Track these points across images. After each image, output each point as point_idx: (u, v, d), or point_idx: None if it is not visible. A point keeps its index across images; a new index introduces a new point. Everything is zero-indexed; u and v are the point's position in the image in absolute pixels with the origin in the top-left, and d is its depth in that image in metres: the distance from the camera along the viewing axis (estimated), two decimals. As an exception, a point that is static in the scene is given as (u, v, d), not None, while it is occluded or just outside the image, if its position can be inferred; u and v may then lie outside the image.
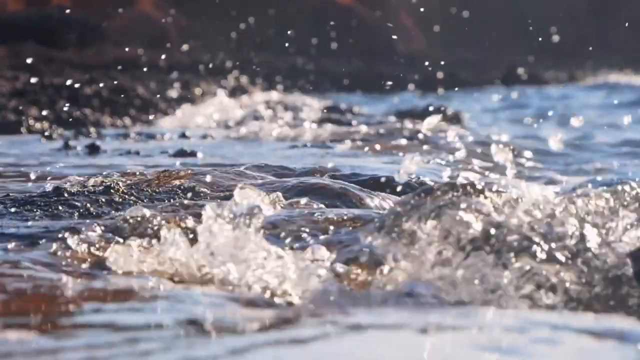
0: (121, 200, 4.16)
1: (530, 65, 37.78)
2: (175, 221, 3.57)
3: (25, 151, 7.66)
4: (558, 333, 2.24)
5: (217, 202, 3.20)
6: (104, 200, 4.13)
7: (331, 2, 42.25)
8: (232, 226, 3.02)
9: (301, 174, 5.24)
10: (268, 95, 20.26)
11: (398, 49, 41.19)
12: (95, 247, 3.24)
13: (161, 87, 18.64)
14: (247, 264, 2.93)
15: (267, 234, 3.15)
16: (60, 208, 3.97)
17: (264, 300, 2.74)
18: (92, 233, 3.47)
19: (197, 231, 3.07)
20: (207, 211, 3.06)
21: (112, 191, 4.24)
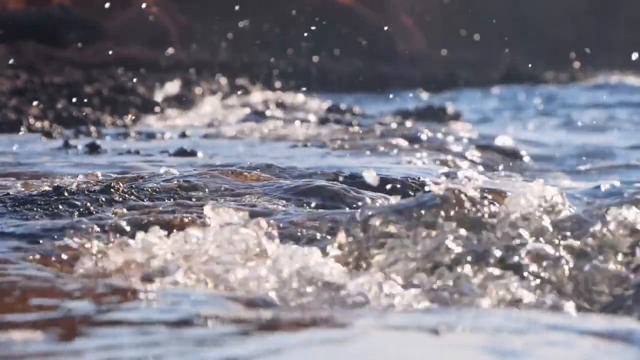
0: (121, 199, 4.16)
1: (530, 65, 37.78)
2: (175, 221, 3.57)
3: (25, 150, 7.66)
4: (560, 334, 2.24)
5: (216, 203, 3.21)
6: (104, 199, 4.12)
7: (331, 2, 42.24)
8: (232, 226, 3.01)
9: (301, 174, 5.23)
10: (268, 95, 20.27)
11: (398, 49, 41.19)
12: (95, 247, 3.24)
13: (161, 86, 18.64)
14: (248, 265, 2.92)
15: (267, 234, 3.15)
16: (60, 207, 3.97)
17: (264, 300, 2.74)
18: (92, 232, 3.47)
19: (197, 231, 3.07)
20: (206, 212, 3.06)
21: (112, 190, 4.23)
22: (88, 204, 4.01)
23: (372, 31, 41.65)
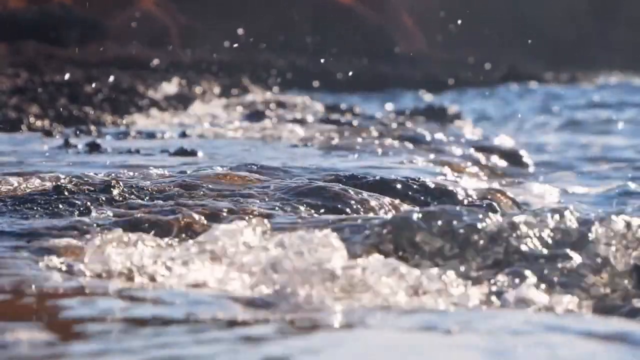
0: (121, 198, 4.15)
1: (530, 65, 37.77)
2: (175, 221, 3.57)
3: (25, 149, 7.65)
4: (558, 336, 2.24)
5: (216, 203, 3.21)
6: (104, 198, 4.12)
7: (331, 2, 42.26)
8: (232, 227, 3.01)
9: (301, 175, 5.23)
10: (268, 95, 20.27)
11: (398, 49, 41.21)
12: (95, 246, 3.23)
13: (161, 86, 18.65)
14: (248, 265, 2.92)
15: (267, 234, 3.14)
16: (60, 206, 3.96)
17: (264, 300, 2.74)
18: (92, 232, 3.47)
19: (197, 231, 3.07)
20: (205, 213, 3.06)
21: (112, 190, 4.23)
22: (88, 203, 4.00)
23: (372, 31, 41.67)
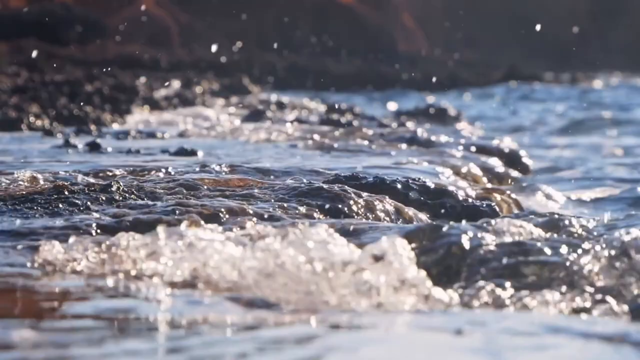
0: (121, 198, 4.15)
1: (531, 65, 37.77)
2: (175, 221, 3.57)
3: (25, 148, 7.65)
4: (559, 337, 2.24)
5: (216, 203, 3.21)
6: (104, 198, 4.12)
7: (332, 2, 42.25)
8: (232, 227, 3.01)
9: (300, 175, 5.23)
10: (268, 95, 20.27)
11: (399, 49, 41.21)
12: (95, 246, 3.23)
13: (162, 85, 18.65)
14: (248, 266, 2.92)
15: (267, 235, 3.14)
16: (60, 206, 3.96)
17: (264, 301, 2.74)
18: (92, 231, 3.47)
19: (197, 231, 3.07)
20: (206, 213, 3.06)
21: (112, 190, 4.23)
22: (88, 203, 4.00)
23: (373, 31, 41.65)
